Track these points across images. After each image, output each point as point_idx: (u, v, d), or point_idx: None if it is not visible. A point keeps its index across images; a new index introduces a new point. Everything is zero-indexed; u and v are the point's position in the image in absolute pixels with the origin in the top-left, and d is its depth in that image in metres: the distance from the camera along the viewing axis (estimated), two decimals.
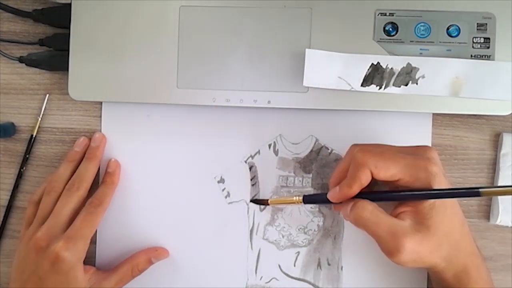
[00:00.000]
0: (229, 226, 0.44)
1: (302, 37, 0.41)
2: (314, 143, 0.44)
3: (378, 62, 0.40)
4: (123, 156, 0.44)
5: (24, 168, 0.45)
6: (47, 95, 0.45)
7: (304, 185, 0.43)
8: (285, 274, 0.43)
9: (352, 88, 0.40)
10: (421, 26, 0.41)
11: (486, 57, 0.40)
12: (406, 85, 0.40)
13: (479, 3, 0.40)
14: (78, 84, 0.42)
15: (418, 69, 0.40)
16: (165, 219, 0.44)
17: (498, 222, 0.42)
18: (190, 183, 0.44)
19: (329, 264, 0.43)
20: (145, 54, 0.42)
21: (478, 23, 0.40)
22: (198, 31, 0.42)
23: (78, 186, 0.41)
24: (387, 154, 0.36)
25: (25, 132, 0.45)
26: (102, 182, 0.43)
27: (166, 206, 0.44)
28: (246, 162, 0.44)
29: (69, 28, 0.42)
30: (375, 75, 0.40)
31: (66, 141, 0.45)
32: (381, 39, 0.41)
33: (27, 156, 0.45)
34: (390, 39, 0.41)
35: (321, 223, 0.43)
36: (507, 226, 0.42)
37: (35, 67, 0.45)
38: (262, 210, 0.43)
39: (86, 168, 0.42)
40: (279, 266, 0.43)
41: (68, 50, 0.42)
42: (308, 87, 0.41)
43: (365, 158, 0.36)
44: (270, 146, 0.44)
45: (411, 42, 0.41)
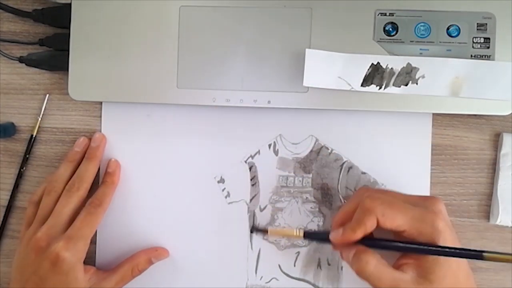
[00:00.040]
0: (229, 226, 0.44)
1: (302, 37, 0.41)
2: (314, 143, 0.44)
3: (378, 62, 0.40)
4: (123, 156, 0.44)
5: (24, 168, 0.45)
6: (47, 95, 0.45)
7: (304, 185, 0.43)
8: (285, 274, 0.43)
9: (352, 88, 0.40)
10: (421, 26, 0.41)
11: (486, 57, 0.40)
12: (406, 85, 0.40)
13: (479, 3, 0.40)
14: (78, 84, 0.42)
15: (418, 69, 0.40)
16: (165, 219, 0.44)
17: (498, 222, 0.42)
18: (190, 183, 0.44)
19: (329, 264, 0.43)
20: (145, 54, 0.42)
21: (478, 23, 0.40)
22: (198, 31, 0.42)
23: (78, 186, 0.41)
24: (396, 204, 0.36)
25: (25, 132, 0.45)
26: (102, 182, 0.43)
27: (166, 206, 0.44)
28: (246, 162, 0.44)
29: (69, 28, 0.42)
30: (375, 75, 0.40)
31: (66, 141, 0.45)
32: (381, 39, 0.41)
33: (27, 156, 0.45)
34: (390, 39, 0.41)
35: (321, 223, 0.43)
36: (507, 226, 0.42)
37: (35, 67, 0.45)
38: (262, 210, 0.44)
39: (86, 168, 0.42)
40: (279, 266, 0.43)
41: (68, 50, 0.42)
42: (308, 87, 0.41)
43: (373, 205, 0.35)
44: (270, 146, 0.44)
45: (411, 42, 0.41)
